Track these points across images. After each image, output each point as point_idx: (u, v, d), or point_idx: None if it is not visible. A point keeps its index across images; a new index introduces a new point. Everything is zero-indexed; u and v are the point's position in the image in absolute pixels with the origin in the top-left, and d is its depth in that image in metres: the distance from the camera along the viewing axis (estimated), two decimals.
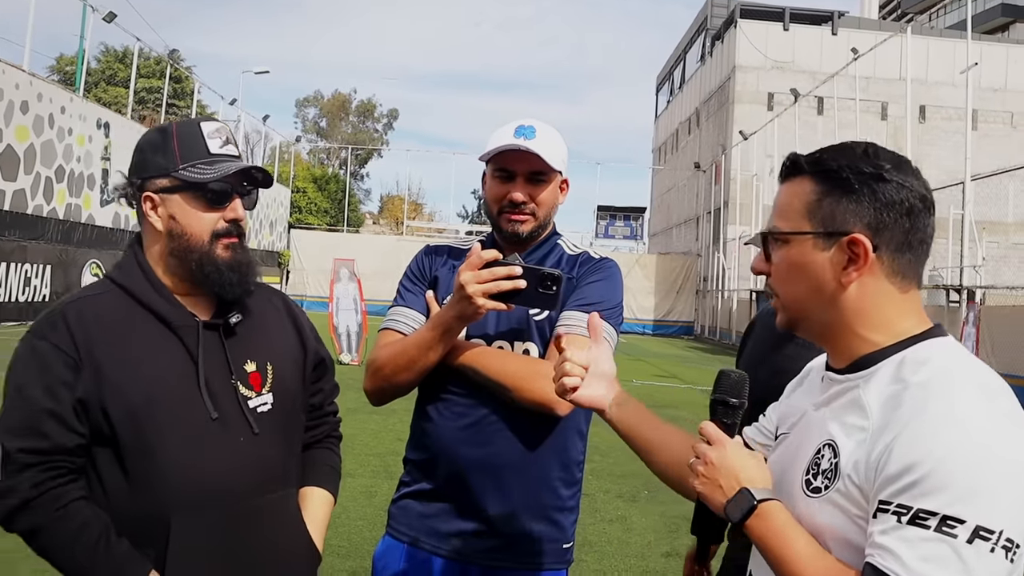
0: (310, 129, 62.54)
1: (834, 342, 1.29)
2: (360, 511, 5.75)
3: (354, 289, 16.18)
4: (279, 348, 1.82)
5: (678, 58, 47.52)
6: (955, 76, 26.22)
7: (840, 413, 1.24)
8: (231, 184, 1.69)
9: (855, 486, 1.15)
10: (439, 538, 1.99)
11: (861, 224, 1.23)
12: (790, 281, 1.31)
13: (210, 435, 1.62)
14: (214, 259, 1.67)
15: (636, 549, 5.41)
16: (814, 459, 1.25)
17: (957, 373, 1.17)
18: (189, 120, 1.74)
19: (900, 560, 1.06)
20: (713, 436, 1.32)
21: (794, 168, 1.33)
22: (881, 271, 1.24)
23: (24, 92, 18.72)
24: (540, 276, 1.81)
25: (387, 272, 23.46)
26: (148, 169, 1.68)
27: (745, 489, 1.24)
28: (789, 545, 1.18)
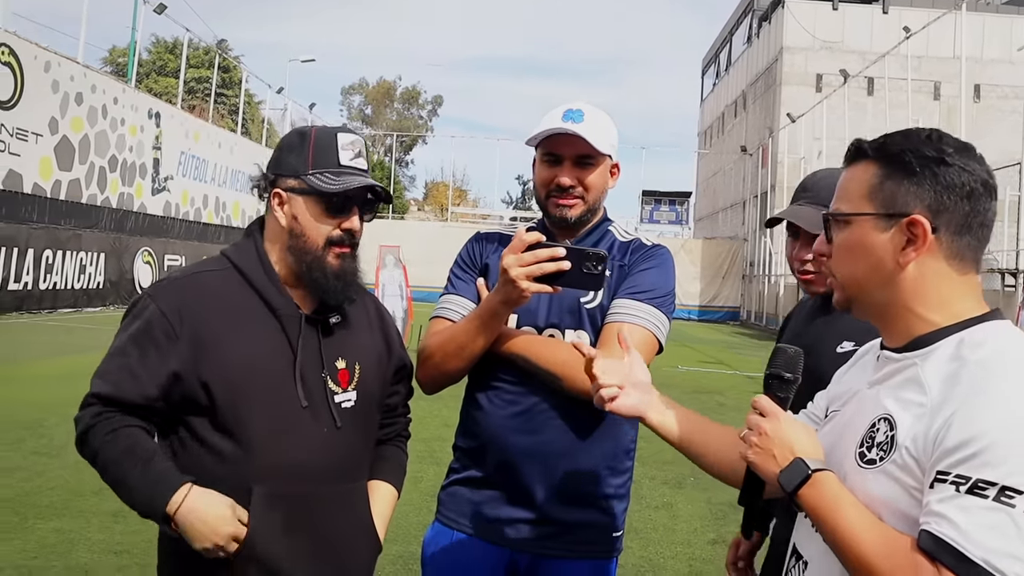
0: (355, 116, 62.95)
1: (891, 321, 1.32)
2: (406, 496, 5.78)
3: (399, 275, 16.29)
4: (367, 349, 1.91)
5: (724, 40, 46.85)
6: (1012, 53, 25.50)
7: (897, 389, 1.26)
8: (353, 197, 1.78)
9: (912, 458, 1.17)
10: (489, 525, 2.00)
11: (921, 206, 1.26)
12: (850, 261, 1.33)
13: (298, 421, 1.73)
14: (323, 265, 1.77)
15: (682, 536, 5.40)
16: (868, 432, 1.27)
17: (1015, 353, 1.19)
18: (329, 128, 1.83)
19: (957, 527, 1.08)
20: (767, 408, 1.35)
21: (858, 153, 1.35)
22: (940, 252, 1.26)
23: (79, 84, 19.14)
24: (584, 256, 1.79)
25: (432, 258, 23.57)
26: (282, 167, 1.80)
27: (799, 459, 1.27)
28: (843, 514, 1.20)
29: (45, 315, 17.48)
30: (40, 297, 17.72)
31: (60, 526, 4.74)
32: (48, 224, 17.97)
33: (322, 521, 1.75)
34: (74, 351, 11.97)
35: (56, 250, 18.16)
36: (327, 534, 1.76)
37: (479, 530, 2.01)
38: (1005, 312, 1.92)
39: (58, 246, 18.23)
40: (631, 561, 4.86)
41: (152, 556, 1.83)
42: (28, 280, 17.34)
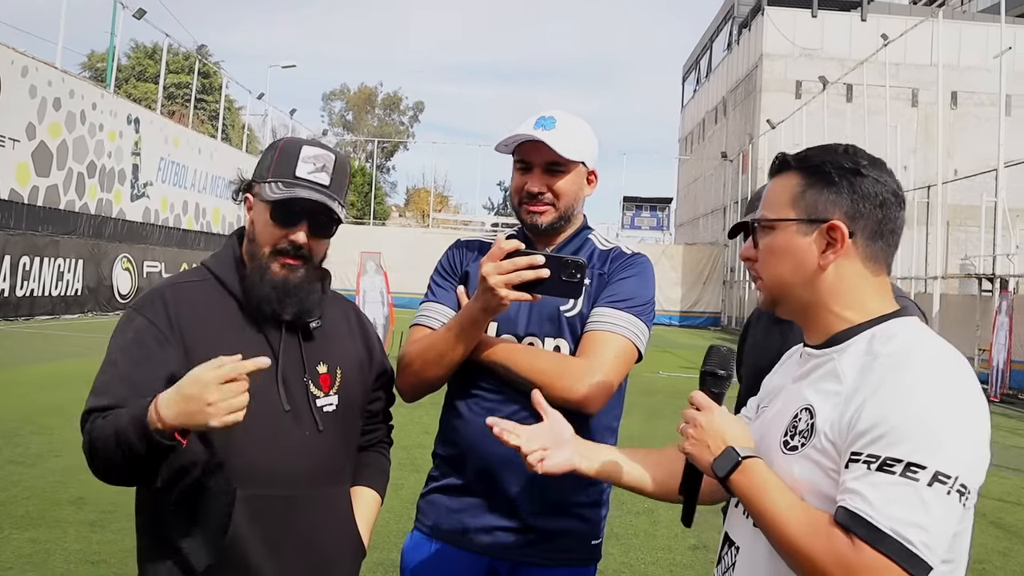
0: (337, 122, 62.87)
1: (813, 320, 1.44)
2: (386, 503, 5.74)
3: (380, 282, 16.25)
4: (349, 355, 1.91)
5: (704, 47, 47.14)
6: (988, 61, 25.75)
7: (817, 382, 1.38)
8: (301, 211, 1.75)
9: (829, 442, 1.29)
10: (468, 533, 2.00)
11: (840, 212, 1.39)
12: (775, 263, 1.45)
13: (282, 425, 1.74)
14: (265, 272, 1.76)
15: (663, 542, 5.40)
16: (791, 423, 1.38)
17: (920, 346, 1.32)
18: (298, 139, 1.83)
19: (868, 501, 1.19)
20: (702, 403, 1.46)
21: (783, 165, 1.48)
22: (856, 255, 1.39)
23: (56, 89, 18.98)
24: (563, 264, 1.79)
25: (413, 264, 23.52)
26: (255, 173, 1.83)
27: (730, 447, 1.37)
28: (770, 496, 1.30)
29: (22, 322, 17.30)
30: (17, 304, 17.54)
31: (36, 536, 4.68)
32: (25, 230, 17.80)
33: (304, 524, 1.75)
34: (51, 359, 11.85)
35: (33, 257, 17.99)
36: (309, 537, 1.76)
37: (458, 538, 2.01)
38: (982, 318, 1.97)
39: (35, 252, 18.06)
40: (612, 567, 4.86)
41: (129, 566, 1.81)
42: (4, 287, 17.16)
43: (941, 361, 1.29)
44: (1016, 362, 15.10)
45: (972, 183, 20.86)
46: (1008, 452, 9.37)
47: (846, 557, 1.19)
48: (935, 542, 1.18)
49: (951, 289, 20.71)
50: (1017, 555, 5.56)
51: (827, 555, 1.20)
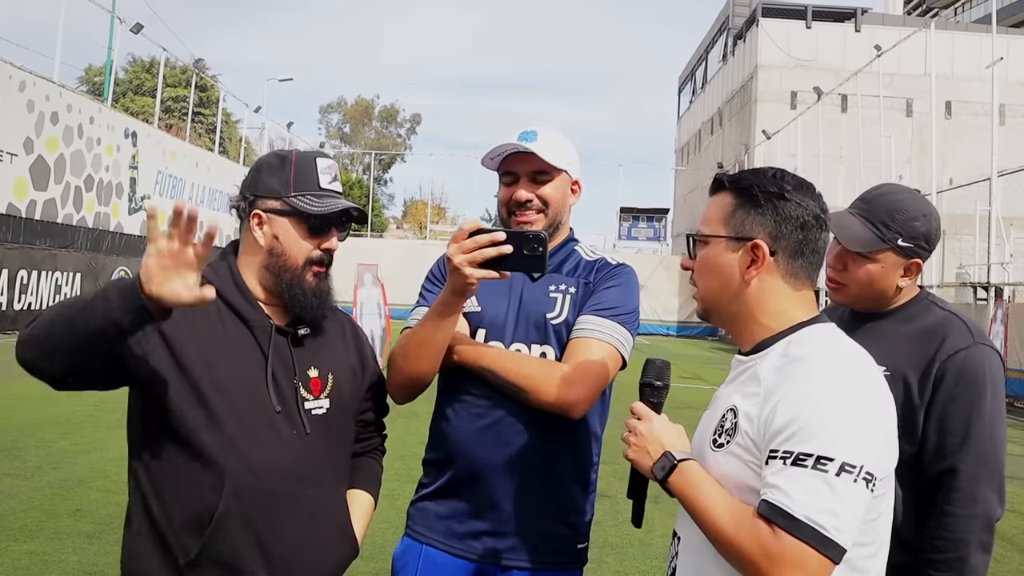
0: (334, 135, 62.95)
1: (740, 329, 1.57)
2: (382, 514, 5.80)
3: (378, 294, 16.26)
4: (341, 363, 1.97)
5: (700, 58, 47.33)
6: (981, 71, 25.88)
7: (741, 385, 1.52)
8: (332, 218, 1.87)
9: (750, 439, 1.42)
10: (456, 539, 2.03)
11: (764, 232, 1.52)
12: (707, 276, 1.59)
13: (270, 425, 1.79)
14: (303, 283, 1.85)
15: (657, 551, 5.43)
16: (719, 423, 1.52)
17: (829, 350, 1.45)
18: (308, 152, 1.91)
19: (786, 493, 1.31)
20: (642, 412, 1.60)
21: (719, 185, 1.61)
22: (778, 271, 1.52)
23: (54, 103, 19.03)
24: (524, 239, 1.83)
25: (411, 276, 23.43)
26: (261, 188, 1.87)
27: (668, 452, 1.52)
28: (702, 493, 1.44)
29: None
30: (15, 318, 17.53)
31: (33, 548, 4.70)
32: (23, 244, 17.82)
33: (288, 521, 1.78)
34: None
35: (31, 270, 18.00)
36: (292, 534, 1.79)
37: (448, 544, 2.04)
38: (978, 323, 2.04)
39: (33, 266, 18.07)
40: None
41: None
42: (2, 301, 17.16)
43: (844, 362, 1.44)
44: (1011, 370, 15.14)
45: (967, 192, 20.94)
46: None
47: (768, 545, 1.31)
48: (846, 526, 1.31)
49: (947, 297, 20.75)
50: (1009, 561, 5.59)
51: (752, 544, 1.33)
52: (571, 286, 2.09)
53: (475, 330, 2.07)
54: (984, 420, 1.97)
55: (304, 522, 1.81)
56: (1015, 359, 15.13)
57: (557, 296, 2.08)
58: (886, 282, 2.07)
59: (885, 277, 2.07)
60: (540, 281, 2.07)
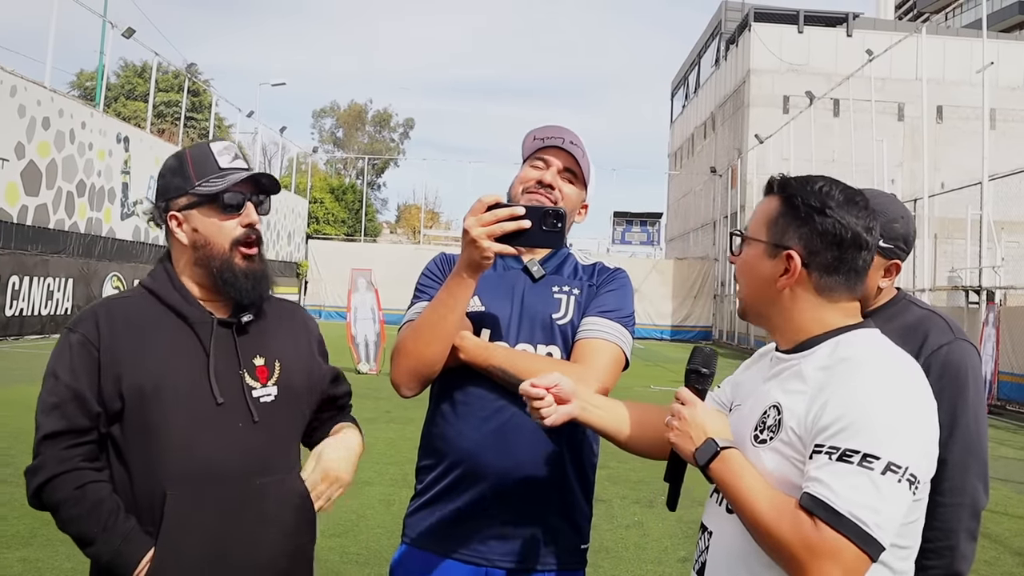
0: (327, 140, 62.90)
1: (777, 330, 1.61)
2: (378, 519, 5.81)
3: (372, 299, 16.27)
4: (291, 351, 1.98)
5: (692, 63, 47.45)
6: (972, 75, 26.01)
7: (784, 382, 1.53)
8: (243, 193, 1.89)
9: (795, 435, 1.44)
10: (458, 543, 2.02)
11: (799, 244, 1.53)
12: (745, 276, 1.63)
13: (214, 419, 1.80)
14: (233, 267, 1.86)
15: (653, 555, 5.42)
16: (761, 419, 1.53)
17: (879, 351, 1.48)
18: (201, 143, 1.94)
19: (829, 487, 1.34)
20: (687, 398, 1.62)
21: (770, 187, 1.63)
22: (810, 285, 1.54)
23: (45, 108, 18.98)
24: (543, 214, 1.83)
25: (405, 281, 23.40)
26: (170, 191, 1.90)
27: (711, 439, 1.52)
28: (744, 482, 1.45)
29: (12, 342, 17.22)
30: (6, 324, 17.46)
31: (27, 555, 4.68)
32: (14, 250, 17.75)
33: (247, 516, 1.80)
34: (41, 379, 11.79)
35: (23, 276, 17.93)
36: (252, 529, 1.80)
37: (448, 548, 2.03)
38: (969, 329, 2.06)
39: (25, 272, 18.00)
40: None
41: None
42: None
43: (894, 365, 1.46)
44: (1003, 373, 15.20)
45: (958, 196, 21.00)
46: (996, 462, 9.40)
47: (809, 537, 1.33)
48: (886, 524, 1.33)
49: (939, 301, 20.83)
50: (1002, 564, 5.60)
51: (792, 534, 1.35)
52: (575, 288, 2.12)
53: (478, 330, 2.06)
54: (969, 412, 2.05)
55: (260, 512, 1.82)
56: (1007, 363, 15.18)
57: (562, 297, 2.10)
58: (868, 283, 2.12)
59: (867, 278, 2.12)
60: (542, 283, 2.10)
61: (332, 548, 5.08)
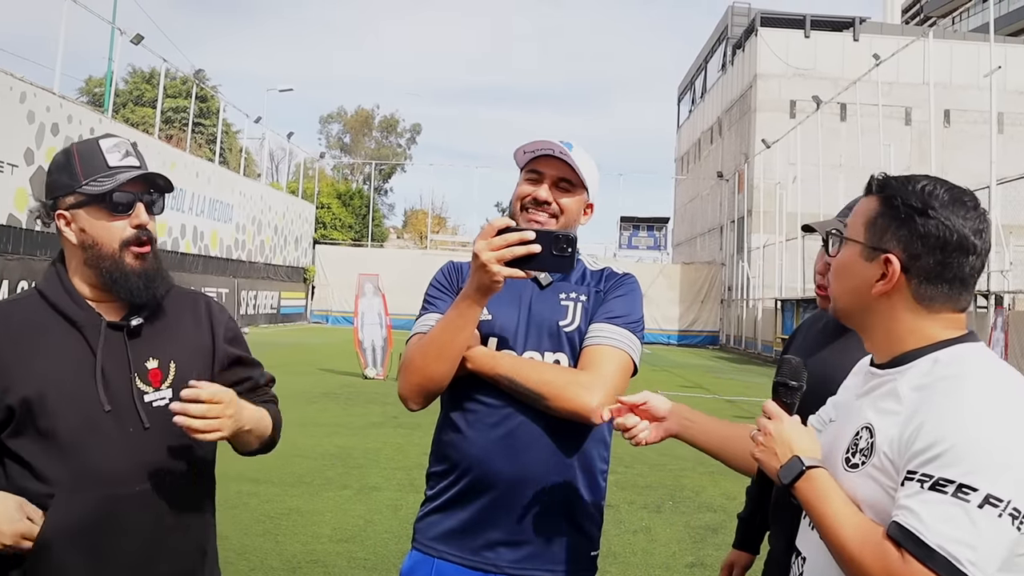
0: (334, 145, 63.07)
1: (872, 340, 1.50)
2: (386, 524, 5.81)
3: (379, 304, 16.29)
4: (186, 349, 1.92)
5: (699, 68, 47.46)
6: (979, 79, 25.97)
7: (877, 401, 1.44)
8: (133, 192, 1.83)
9: (889, 461, 1.34)
10: (470, 551, 2.01)
11: (899, 248, 1.42)
12: (838, 278, 1.53)
13: (101, 425, 1.74)
14: (123, 267, 1.80)
15: (660, 560, 5.41)
16: (853, 440, 1.44)
17: (981, 370, 1.35)
18: (89, 139, 1.87)
19: (920, 518, 1.24)
20: (773, 412, 1.52)
21: (870, 187, 1.53)
22: (909, 292, 1.42)
23: (55, 114, 19.08)
24: (554, 239, 1.82)
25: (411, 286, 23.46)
26: (57, 189, 1.83)
27: (796, 457, 1.43)
28: (830, 505, 1.36)
29: None
30: None
31: None
32: (23, 255, 17.84)
33: (133, 524, 1.76)
34: None
35: (32, 281, 17.99)
36: (136, 540, 1.76)
37: (459, 555, 2.02)
38: (979, 332, 2.03)
39: (33, 277, 18.04)
40: None
41: None
42: None
43: (1001, 386, 1.33)
44: None
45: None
46: None
47: (895, 569, 1.24)
48: (983, 562, 1.21)
49: None
50: None
51: (877, 566, 1.27)
52: (582, 294, 2.10)
53: (486, 338, 2.06)
54: None
55: (148, 524, 1.78)
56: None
57: (569, 304, 2.08)
58: None
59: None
60: (549, 290, 2.08)
61: (340, 553, 5.07)
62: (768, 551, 2.31)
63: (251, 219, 30.73)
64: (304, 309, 35.53)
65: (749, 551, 2.60)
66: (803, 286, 25.62)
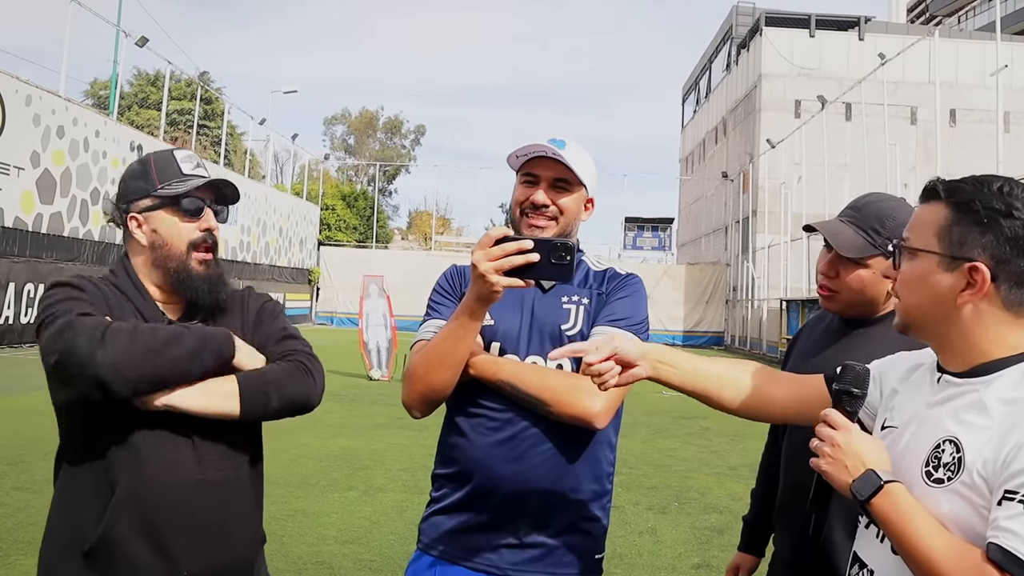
0: (338, 147, 63.18)
1: (949, 350, 1.42)
2: (391, 526, 5.81)
3: (383, 305, 16.30)
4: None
5: (703, 68, 47.41)
6: (985, 78, 25.89)
7: (959, 412, 1.36)
8: (203, 199, 1.97)
9: (982, 479, 1.26)
10: (472, 552, 2.01)
11: (984, 254, 1.35)
12: (913, 291, 1.44)
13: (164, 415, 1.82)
14: (189, 269, 1.93)
15: (666, 561, 5.40)
16: (933, 453, 1.36)
17: None
18: (164, 150, 2.01)
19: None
20: (839, 422, 1.43)
21: (932, 193, 1.45)
22: (998, 299, 1.36)
23: (60, 117, 19.13)
24: (552, 247, 1.81)
25: (416, 288, 23.49)
26: (131, 194, 1.96)
27: (871, 470, 1.35)
28: (915, 524, 1.28)
29: (27, 349, 17.34)
30: (22, 331, 17.58)
31: None
32: (30, 258, 17.89)
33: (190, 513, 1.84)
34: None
35: (38, 284, 18.05)
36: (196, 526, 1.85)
37: (463, 557, 2.02)
38: None
39: (40, 280, 18.12)
40: None
41: None
42: (9, 314, 17.22)
43: None
44: None
45: None
46: None
47: None
48: None
49: None
50: None
51: None
52: (584, 297, 2.09)
53: (488, 343, 2.05)
54: None
55: (209, 513, 1.86)
56: None
57: (571, 307, 2.07)
58: (877, 288, 2.10)
59: (876, 283, 2.10)
60: (552, 293, 2.07)
61: (345, 555, 5.08)
62: (772, 553, 2.30)
63: (256, 221, 30.78)
64: (309, 311, 35.59)
65: (754, 553, 2.59)
66: (808, 286, 25.58)
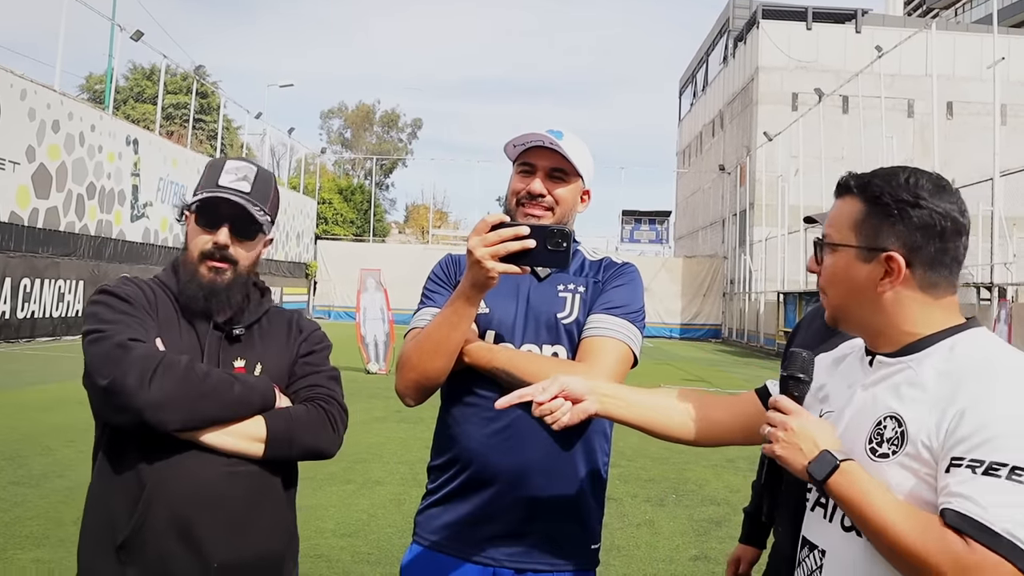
0: (335, 140, 63.07)
1: (877, 336, 1.49)
2: (389, 519, 5.81)
3: (381, 299, 16.29)
4: (272, 356, 2.02)
5: (700, 60, 47.38)
6: (982, 71, 25.92)
7: (898, 388, 1.42)
8: (224, 215, 1.91)
9: (926, 448, 1.33)
10: (468, 543, 2.01)
11: (898, 243, 1.43)
12: (837, 284, 1.51)
13: None
14: (196, 275, 1.93)
15: (664, 553, 5.41)
16: (875, 430, 1.42)
17: (1006, 353, 1.39)
18: (222, 157, 2.00)
19: (979, 504, 1.23)
20: (789, 407, 1.48)
21: (845, 188, 1.53)
22: (915, 283, 1.44)
23: (55, 111, 19.07)
24: (548, 233, 1.80)
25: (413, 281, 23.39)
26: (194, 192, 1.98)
27: (826, 451, 1.39)
28: (874, 499, 1.33)
29: (23, 344, 17.32)
30: (18, 326, 17.56)
31: (40, 556, 4.70)
32: (26, 253, 17.85)
33: (219, 504, 1.84)
34: (53, 380, 11.87)
35: (34, 278, 18.03)
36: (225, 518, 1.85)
37: (459, 549, 2.02)
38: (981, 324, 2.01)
39: (36, 274, 18.10)
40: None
41: None
42: (5, 309, 17.19)
43: None
44: None
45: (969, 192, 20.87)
46: None
47: (962, 558, 1.23)
48: None
49: None
50: None
51: (942, 556, 1.24)
52: (580, 285, 2.08)
53: (483, 331, 2.05)
54: None
55: (237, 505, 1.87)
56: None
57: (567, 295, 2.07)
58: None
59: None
60: (547, 281, 2.07)
61: (343, 548, 5.08)
62: (772, 544, 2.31)
63: None
64: (306, 304, 35.56)
65: (755, 545, 2.60)
66: (805, 279, 25.61)
